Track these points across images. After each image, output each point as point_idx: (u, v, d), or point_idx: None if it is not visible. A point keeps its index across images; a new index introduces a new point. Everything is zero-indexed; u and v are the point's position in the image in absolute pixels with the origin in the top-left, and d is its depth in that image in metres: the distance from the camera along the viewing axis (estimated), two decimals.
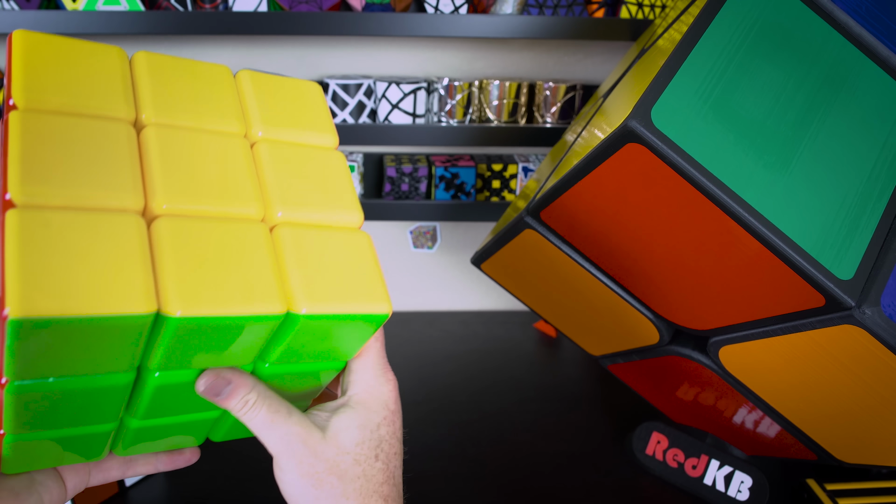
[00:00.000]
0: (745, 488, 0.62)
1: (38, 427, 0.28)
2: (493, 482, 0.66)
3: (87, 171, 0.26)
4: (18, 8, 0.77)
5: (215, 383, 0.30)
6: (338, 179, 0.33)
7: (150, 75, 0.30)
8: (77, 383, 0.26)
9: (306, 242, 0.30)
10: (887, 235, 0.43)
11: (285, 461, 0.31)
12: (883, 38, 0.48)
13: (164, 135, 0.29)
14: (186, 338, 0.26)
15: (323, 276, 0.29)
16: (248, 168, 0.30)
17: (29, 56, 0.27)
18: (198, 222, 0.27)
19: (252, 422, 0.31)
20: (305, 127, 0.34)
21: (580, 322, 0.65)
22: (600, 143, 0.44)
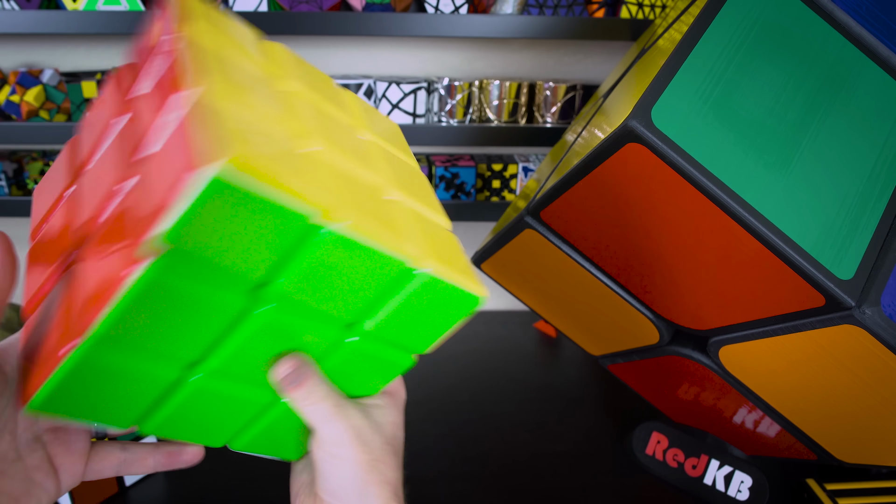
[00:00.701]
0: (745, 488, 0.62)
1: (125, 340, 0.26)
2: (493, 482, 0.66)
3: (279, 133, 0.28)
4: (18, 8, 0.78)
5: (292, 374, 0.31)
6: (429, 189, 0.37)
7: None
8: (197, 285, 0.26)
9: (421, 220, 0.33)
10: (887, 235, 0.43)
11: (342, 450, 0.32)
12: (883, 38, 0.48)
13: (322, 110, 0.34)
14: (326, 263, 0.27)
15: (439, 249, 0.31)
16: (369, 150, 0.34)
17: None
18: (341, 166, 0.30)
19: (316, 413, 0.32)
20: (394, 144, 0.39)
21: (580, 322, 0.65)
22: (600, 142, 0.44)
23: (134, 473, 0.37)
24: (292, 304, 0.29)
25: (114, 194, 0.28)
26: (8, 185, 0.93)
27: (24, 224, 1.04)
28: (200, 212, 0.23)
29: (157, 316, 0.26)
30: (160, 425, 0.32)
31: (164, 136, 0.25)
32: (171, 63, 0.27)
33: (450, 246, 0.33)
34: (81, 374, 0.27)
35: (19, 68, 0.89)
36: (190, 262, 0.25)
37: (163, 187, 0.23)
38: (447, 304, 0.32)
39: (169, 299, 0.26)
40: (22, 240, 1.06)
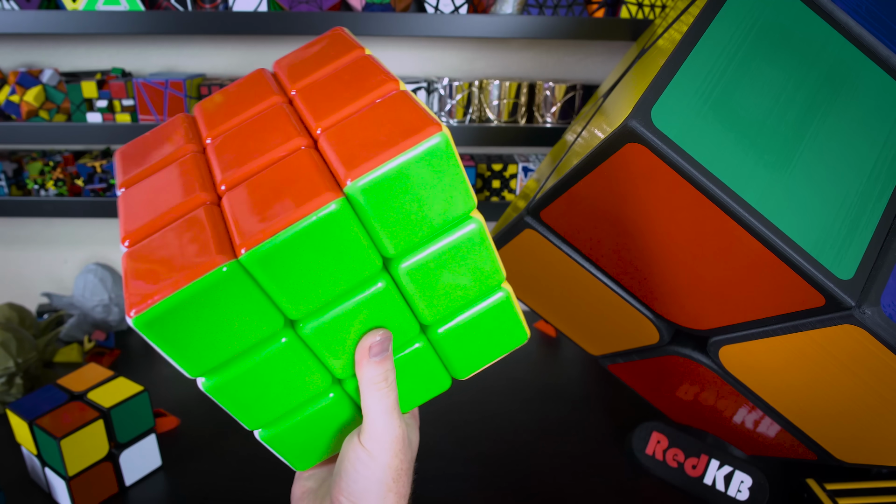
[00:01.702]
0: (745, 488, 0.62)
1: (266, 271, 0.28)
2: (493, 482, 0.66)
3: None
4: (18, 8, 0.77)
5: (381, 342, 0.32)
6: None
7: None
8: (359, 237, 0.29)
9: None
10: (887, 235, 0.43)
11: (383, 451, 0.32)
12: (883, 38, 0.48)
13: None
14: (454, 256, 0.31)
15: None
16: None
17: None
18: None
19: (382, 401, 0.32)
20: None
21: (580, 322, 0.65)
22: (600, 142, 0.44)
23: None
24: (410, 285, 0.31)
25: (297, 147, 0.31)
26: (8, 185, 0.93)
27: (24, 224, 1.04)
28: (411, 170, 0.27)
29: (311, 256, 0.28)
30: (221, 385, 0.32)
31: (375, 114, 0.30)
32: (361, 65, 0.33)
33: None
34: (208, 295, 0.28)
35: (19, 68, 0.89)
36: (368, 213, 0.28)
37: (385, 140, 0.28)
38: (503, 332, 0.34)
39: (329, 243, 0.28)
40: (20, 240, 1.06)
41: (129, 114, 0.88)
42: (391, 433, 0.32)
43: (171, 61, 0.94)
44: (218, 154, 0.33)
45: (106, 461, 0.60)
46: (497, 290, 0.33)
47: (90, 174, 0.93)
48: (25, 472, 0.64)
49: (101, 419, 0.58)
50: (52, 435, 0.55)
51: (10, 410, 0.59)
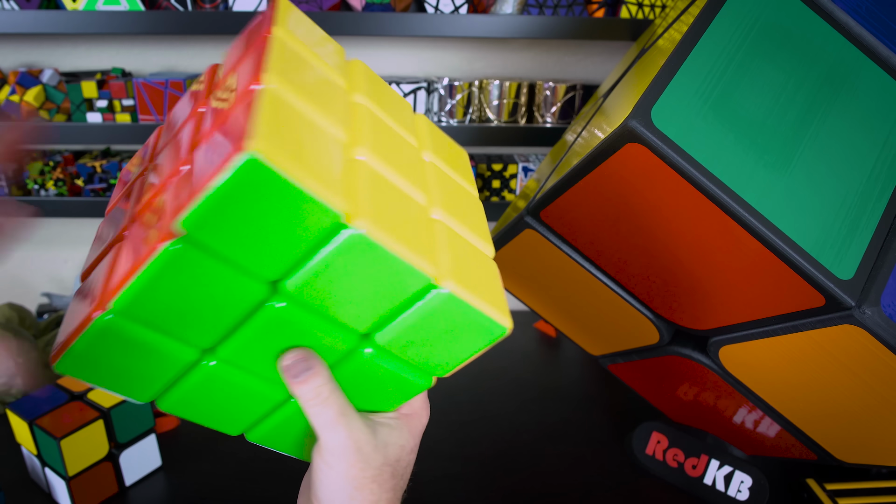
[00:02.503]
0: (745, 488, 0.62)
1: (145, 315, 0.28)
2: (493, 482, 0.66)
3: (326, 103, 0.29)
4: (18, 8, 0.77)
5: (297, 364, 0.30)
6: (481, 217, 0.37)
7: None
8: (218, 271, 0.27)
9: (459, 242, 0.33)
10: (887, 235, 0.43)
11: (337, 461, 0.31)
12: (883, 38, 0.48)
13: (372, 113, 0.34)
14: (346, 266, 0.27)
15: (468, 272, 0.31)
16: (425, 170, 0.35)
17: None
18: (393, 189, 0.31)
19: (319, 416, 0.31)
20: (457, 170, 0.39)
21: (580, 322, 0.65)
22: (600, 142, 0.44)
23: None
24: (307, 304, 0.29)
25: (171, 178, 0.29)
26: (8, 185, 0.93)
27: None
28: (228, 198, 0.24)
29: (177, 295, 0.27)
30: (176, 403, 0.33)
31: (219, 126, 0.27)
32: (253, 60, 0.29)
33: (486, 273, 0.33)
34: (102, 343, 0.28)
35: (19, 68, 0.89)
36: (213, 245, 0.26)
37: (203, 172, 0.24)
38: (467, 328, 0.32)
39: (190, 280, 0.27)
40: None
41: (129, 114, 0.88)
42: (338, 444, 0.31)
43: (171, 61, 0.94)
44: (141, 183, 0.33)
45: (106, 461, 0.60)
46: (430, 289, 0.30)
47: (90, 174, 0.93)
48: (25, 472, 0.64)
49: (101, 419, 0.58)
50: (52, 435, 0.55)
51: (10, 410, 0.59)
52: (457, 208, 0.35)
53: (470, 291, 0.30)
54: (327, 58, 0.33)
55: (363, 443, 0.32)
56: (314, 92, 0.29)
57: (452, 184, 0.37)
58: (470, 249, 0.33)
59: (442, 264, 0.30)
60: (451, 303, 0.30)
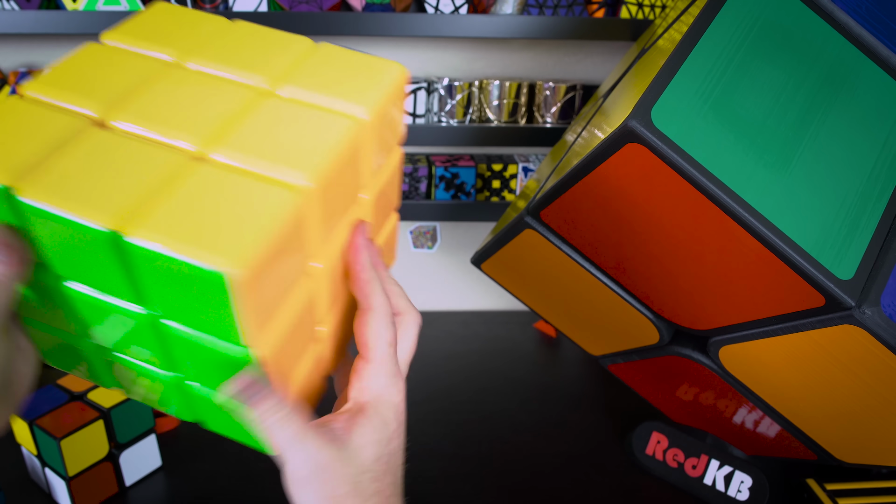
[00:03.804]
0: (745, 488, 0.62)
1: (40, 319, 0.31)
2: (493, 482, 0.66)
3: (89, 84, 0.29)
4: (18, 8, 0.77)
5: (252, 386, 0.28)
6: (319, 140, 0.29)
7: (220, 34, 0.35)
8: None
9: (211, 182, 0.27)
10: (887, 235, 0.43)
11: (306, 483, 0.30)
12: (883, 38, 0.48)
13: (175, 73, 0.32)
14: (47, 240, 0.27)
15: (192, 216, 0.25)
16: (229, 112, 0.30)
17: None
18: (121, 139, 0.28)
19: (276, 437, 0.29)
20: (339, 95, 0.32)
21: (580, 322, 0.65)
22: (600, 143, 0.44)
23: None
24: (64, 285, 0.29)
25: None
26: None
27: None
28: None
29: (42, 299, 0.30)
30: (112, 381, 0.34)
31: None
32: None
33: (244, 208, 0.26)
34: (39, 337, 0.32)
35: (19, 68, 0.89)
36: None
37: None
38: (185, 279, 0.25)
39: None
40: None
41: None
42: (297, 467, 0.29)
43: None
44: None
45: (106, 461, 0.60)
46: (113, 239, 0.26)
47: None
48: (25, 472, 0.64)
49: (101, 419, 0.58)
50: (52, 435, 0.55)
51: None
52: (266, 141, 0.29)
53: (170, 237, 0.24)
54: (172, 39, 0.33)
55: (327, 461, 0.30)
56: (79, 85, 0.30)
57: (291, 113, 0.30)
58: (238, 186, 0.27)
59: (142, 213, 0.25)
60: (140, 252, 0.25)
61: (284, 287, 0.28)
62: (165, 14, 0.35)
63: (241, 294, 0.24)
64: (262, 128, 0.30)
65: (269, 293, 0.27)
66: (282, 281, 0.28)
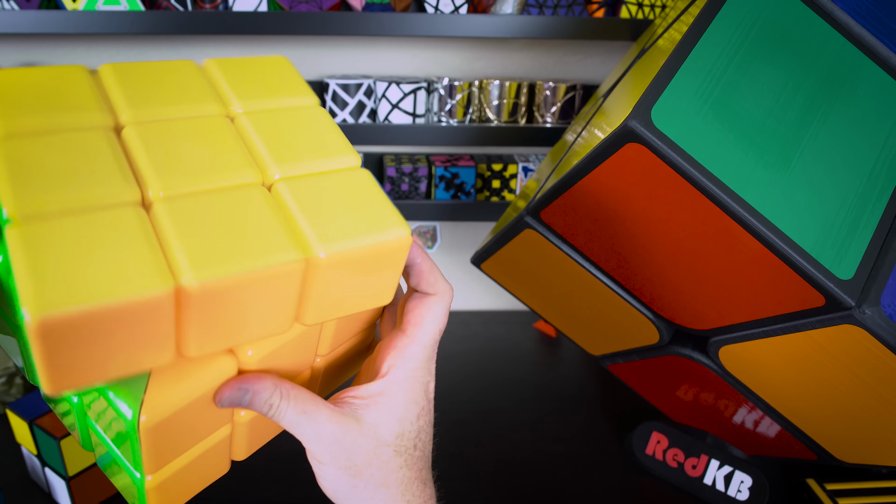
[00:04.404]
0: (745, 488, 0.62)
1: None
2: (492, 482, 0.66)
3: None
4: (18, 8, 0.77)
5: (234, 395, 0.29)
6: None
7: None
8: None
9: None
10: (887, 235, 0.43)
11: (321, 455, 0.31)
12: (883, 38, 0.48)
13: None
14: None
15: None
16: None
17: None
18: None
19: (283, 422, 0.31)
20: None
21: (580, 322, 0.65)
22: (600, 142, 0.44)
23: None
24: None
25: None
26: None
27: None
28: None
29: None
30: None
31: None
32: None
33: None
34: None
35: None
36: None
37: None
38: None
39: None
40: None
41: None
42: (312, 442, 0.31)
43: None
44: None
45: None
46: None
47: None
48: (25, 472, 0.64)
49: None
50: (52, 435, 0.55)
51: (10, 410, 0.59)
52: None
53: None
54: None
55: (338, 433, 0.30)
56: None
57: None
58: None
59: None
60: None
61: (193, 434, 0.30)
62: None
63: (146, 438, 0.27)
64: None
65: (174, 439, 0.29)
66: (191, 428, 0.30)
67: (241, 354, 0.30)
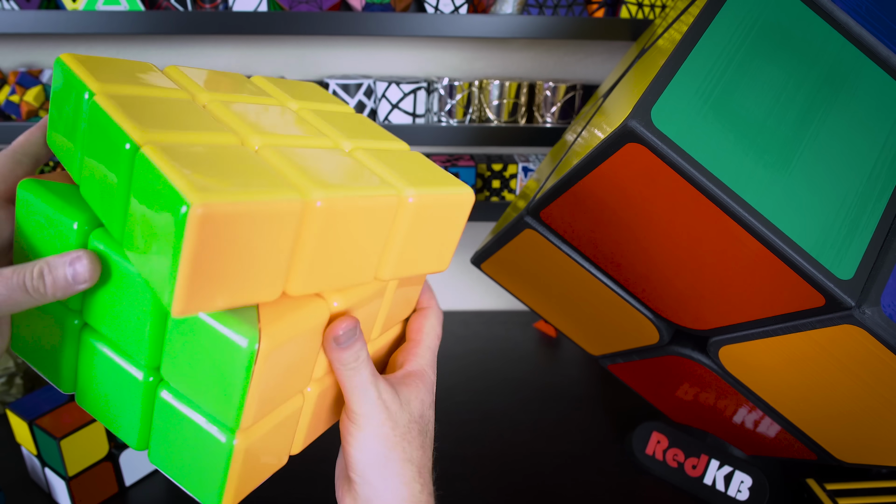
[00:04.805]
0: (745, 488, 0.62)
1: None
2: (493, 482, 0.66)
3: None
4: (18, 8, 0.77)
5: (349, 330, 0.31)
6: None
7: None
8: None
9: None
10: (887, 235, 0.43)
11: (367, 422, 0.33)
12: (883, 38, 0.48)
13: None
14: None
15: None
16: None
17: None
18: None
19: (354, 379, 0.32)
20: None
21: (580, 322, 0.65)
22: (600, 142, 0.44)
23: None
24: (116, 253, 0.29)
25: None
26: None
27: None
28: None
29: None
30: (86, 397, 0.33)
31: None
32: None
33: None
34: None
35: (19, 68, 0.89)
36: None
37: None
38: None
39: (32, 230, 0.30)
40: None
41: None
42: (369, 405, 0.32)
43: (170, 61, 0.94)
44: None
45: (106, 461, 0.60)
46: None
47: None
48: (25, 472, 0.64)
49: None
50: (52, 435, 0.55)
51: (10, 410, 0.59)
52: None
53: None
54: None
55: (390, 402, 0.33)
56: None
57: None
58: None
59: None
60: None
61: (288, 383, 0.31)
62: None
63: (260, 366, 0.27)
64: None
65: (279, 378, 0.29)
66: (289, 373, 0.30)
67: (329, 302, 0.31)
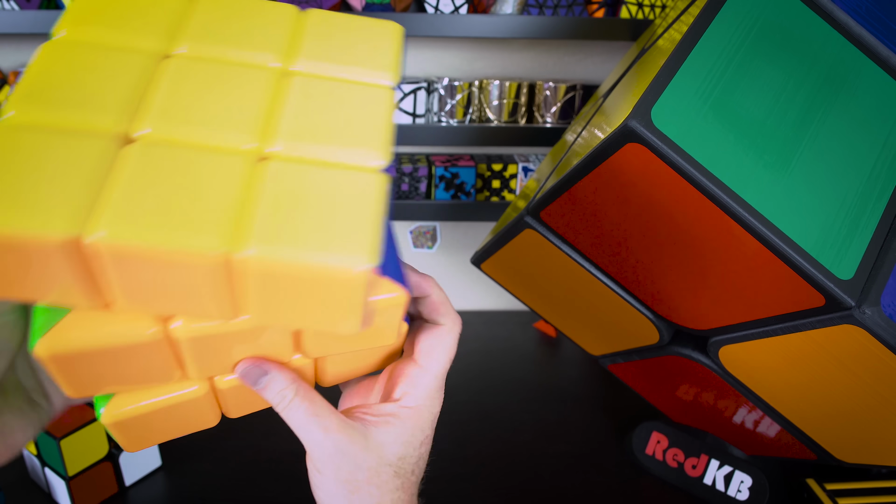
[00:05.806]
0: (745, 488, 0.62)
1: None
2: (492, 482, 0.66)
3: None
4: (18, 8, 0.77)
5: (251, 371, 0.29)
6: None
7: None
8: None
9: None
10: (887, 235, 0.43)
11: (322, 465, 0.30)
12: (883, 38, 0.48)
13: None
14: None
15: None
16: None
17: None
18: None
19: (291, 419, 0.30)
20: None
21: (580, 322, 0.65)
22: (600, 142, 0.44)
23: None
24: None
25: None
26: None
27: None
28: None
29: None
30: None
31: None
32: None
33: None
34: None
35: (19, 68, 0.89)
36: None
37: None
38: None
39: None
40: None
41: None
42: (317, 447, 0.30)
43: None
44: None
45: (106, 461, 0.60)
46: None
47: None
48: (25, 472, 0.64)
49: None
50: (52, 435, 0.55)
51: None
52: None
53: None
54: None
55: (345, 444, 0.30)
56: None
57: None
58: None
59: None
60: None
61: None
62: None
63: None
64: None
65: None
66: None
67: (168, 323, 0.27)
